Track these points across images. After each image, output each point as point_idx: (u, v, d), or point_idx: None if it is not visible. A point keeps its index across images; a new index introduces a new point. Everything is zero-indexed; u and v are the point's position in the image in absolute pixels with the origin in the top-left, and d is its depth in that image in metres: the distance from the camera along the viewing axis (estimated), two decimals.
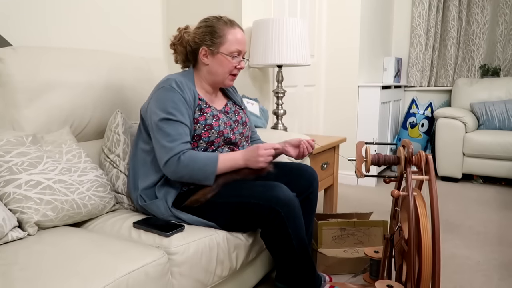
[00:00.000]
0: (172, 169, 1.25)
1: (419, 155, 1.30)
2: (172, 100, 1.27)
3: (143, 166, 1.36)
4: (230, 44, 1.35)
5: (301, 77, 2.99)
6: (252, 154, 1.27)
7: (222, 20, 1.37)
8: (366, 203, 2.80)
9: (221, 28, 1.35)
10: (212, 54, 1.36)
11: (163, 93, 1.29)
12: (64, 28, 1.67)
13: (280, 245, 1.28)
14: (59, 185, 1.18)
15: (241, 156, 1.29)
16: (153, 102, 1.30)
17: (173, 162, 1.24)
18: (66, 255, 0.97)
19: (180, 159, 1.24)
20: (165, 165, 1.25)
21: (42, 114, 1.35)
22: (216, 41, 1.35)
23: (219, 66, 1.37)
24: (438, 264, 1.21)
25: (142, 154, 1.37)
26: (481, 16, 3.71)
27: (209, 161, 1.25)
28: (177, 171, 1.24)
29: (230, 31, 1.35)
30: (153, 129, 1.29)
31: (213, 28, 1.35)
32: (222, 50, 1.35)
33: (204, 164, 1.25)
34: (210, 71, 1.38)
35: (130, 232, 1.21)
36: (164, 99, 1.28)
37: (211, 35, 1.35)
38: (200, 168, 1.24)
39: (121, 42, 1.90)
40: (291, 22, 2.11)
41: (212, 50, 1.35)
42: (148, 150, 1.36)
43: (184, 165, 1.23)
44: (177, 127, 1.27)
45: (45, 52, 1.40)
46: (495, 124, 3.39)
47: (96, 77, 1.52)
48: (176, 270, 1.11)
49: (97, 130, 1.56)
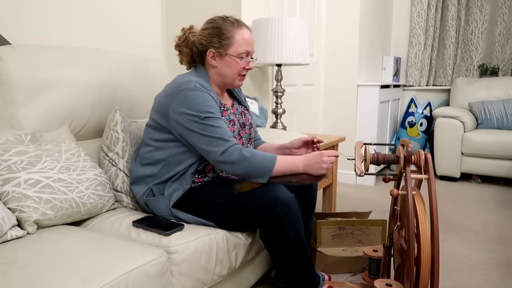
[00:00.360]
0: (231, 160, 1.22)
1: (418, 154, 1.30)
2: (204, 98, 1.25)
3: (158, 161, 1.34)
4: (238, 46, 1.33)
5: (300, 76, 2.99)
6: (315, 160, 1.27)
7: (229, 21, 1.34)
8: (365, 202, 2.80)
9: (228, 29, 1.32)
10: (220, 56, 1.34)
11: (192, 93, 1.24)
12: (63, 26, 1.67)
13: (278, 245, 1.28)
14: (58, 183, 1.18)
15: (301, 162, 1.28)
16: (178, 104, 1.25)
17: (232, 152, 1.22)
18: (65, 254, 0.96)
19: (241, 151, 1.22)
20: (222, 154, 1.22)
21: (41, 112, 1.35)
22: (224, 43, 1.32)
23: (227, 68, 1.35)
24: (437, 263, 1.21)
25: (157, 151, 1.34)
26: (480, 16, 3.72)
27: (267, 160, 1.24)
28: (236, 162, 1.22)
29: (238, 32, 1.33)
30: (189, 129, 1.24)
31: (220, 29, 1.33)
32: (230, 52, 1.33)
33: (262, 162, 1.23)
34: (218, 73, 1.37)
35: (130, 231, 1.21)
36: (196, 98, 1.24)
37: (218, 37, 1.32)
38: (258, 165, 1.23)
39: (120, 40, 1.90)
40: (290, 21, 2.10)
41: (220, 52, 1.33)
42: (164, 146, 1.33)
43: (244, 158, 1.22)
44: (222, 123, 1.26)
45: (44, 51, 1.39)
46: (493, 123, 3.40)
47: (96, 76, 1.52)
48: (175, 269, 1.11)
49: (96, 129, 1.56)
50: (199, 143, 1.25)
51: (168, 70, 1.91)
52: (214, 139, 1.23)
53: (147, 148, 1.37)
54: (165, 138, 1.33)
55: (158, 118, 1.33)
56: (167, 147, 1.33)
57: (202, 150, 1.26)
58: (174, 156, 1.32)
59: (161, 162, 1.33)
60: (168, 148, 1.33)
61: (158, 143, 1.34)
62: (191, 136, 1.25)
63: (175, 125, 1.27)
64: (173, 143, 1.32)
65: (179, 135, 1.29)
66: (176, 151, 1.32)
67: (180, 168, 1.32)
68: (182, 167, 1.32)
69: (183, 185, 1.32)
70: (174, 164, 1.32)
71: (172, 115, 1.27)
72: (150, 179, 1.35)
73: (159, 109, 1.32)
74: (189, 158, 1.32)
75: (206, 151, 1.25)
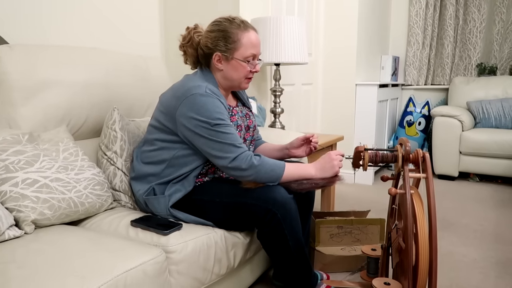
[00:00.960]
0: (241, 167, 1.22)
1: (417, 153, 1.30)
2: (215, 104, 1.23)
3: (161, 161, 1.33)
4: (245, 49, 1.30)
5: (299, 75, 2.99)
6: (325, 161, 1.31)
7: (235, 23, 1.31)
8: (363, 201, 2.81)
9: (235, 32, 1.30)
10: (226, 60, 1.32)
11: (202, 99, 1.22)
12: (61, 26, 1.67)
13: (276, 246, 1.28)
14: (56, 183, 1.18)
15: (312, 166, 1.31)
16: (187, 108, 1.23)
17: (242, 159, 1.22)
18: (63, 253, 0.96)
19: (251, 159, 1.23)
20: (232, 161, 1.22)
21: (38, 112, 1.35)
22: (230, 46, 1.30)
23: (234, 71, 1.33)
24: (435, 262, 1.21)
25: (161, 151, 1.33)
26: (478, 15, 3.72)
27: (276, 167, 1.26)
28: (245, 169, 1.23)
29: (244, 35, 1.30)
30: (198, 134, 1.23)
31: (226, 32, 1.30)
32: (237, 56, 1.31)
33: (271, 169, 1.25)
34: (225, 76, 1.35)
35: (128, 230, 1.20)
36: (206, 104, 1.22)
37: (224, 40, 1.30)
38: (267, 172, 1.25)
39: (119, 40, 1.90)
40: (288, 21, 2.10)
41: (226, 56, 1.31)
42: (169, 147, 1.32)
43: (253, 166, 1.23)
44: (232, 129, 1.25)
45: (42, 50, 1.39)
46: (491, 122, 3.40)
47: (94, 76, 1.51)
48: (174, 268, 1.11)
49: (94, 128, 1.56)
50: (208, 148, 1.24)
51: (166, 69, 1.91)
52: (225, 145, 1.23)
53: (151, 147, 1.36)
54: (170, 139, 1.32)
55: (163, 119, 1.31)
56: (172, 148, 1.32)
57: (211, 155, 1.25)
58: (179, 157, 1.31)
59: (165, 162, 1.33)
60: (173, 149, 1.32)
61: (163, 143, 1.33)
62: (200, 141, 1.24)
63: (182, 129, 1.26)
64: (178, 144, 1.31)
65: (185, 138, 1.28)
66: (181, 153, 1.31)
67: (184, 171, 1.31)
68: (187, 169, 1.31)
69: (185, 186, 1.31)
70: (178, 165, 1.32)
71: (179, 119, 1.26)
72: (153, 178, 1.34)
73: (166, 111, 1.30)
74: (194, 161, 1.31)
75: (216, 157, 1.24)
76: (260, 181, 1.26)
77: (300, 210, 1.52)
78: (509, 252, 1.95)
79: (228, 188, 1.30)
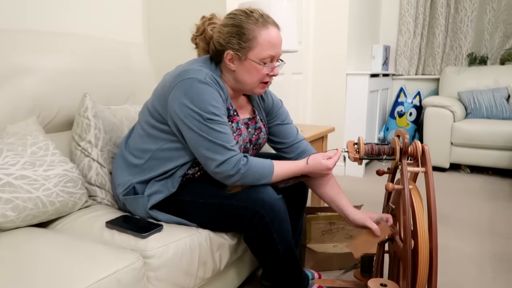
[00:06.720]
0: (228, 172, 1.10)
1: (415, 145, 1.22)
2: (212, 95, 1.09)
3: (145, 151, 1.20)
4: (261, 49, 1.12)
5: (289, 64, 2.89)
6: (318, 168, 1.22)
7: (253, 17, 1.12)
8: (355, 194, 2.74)
9: (251, 29, 1.12)
10: (239, 60, 1.14)
11: (199, 86, 1.08)
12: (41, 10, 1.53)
13: (264, 249, 1.18)
14: (21, 181, 1.06)
15: (303, 169, 1.21)
16: (180, 92, 1.09)
17: (232, 164, 1.10)
18: (27, 261, 0.85)
19: (240, 164, 1.10)
20: (220, 165, 1.10)
21: (6, 102, 1.22)
22: (245, 45, 1.12)
23: (247, 74, 1.15)
24: (435, 260, 1.14)
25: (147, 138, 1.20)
26: (469, 3, 3.65)
27: (265, 169, 1.14)
28: (232, 175, 1.10)
29: (262, 32, 1.12)
30: (187, 125, 1.10)
31: (241, 28, 1.12)
32: (251, 57, 1.13)
33: (259, 174, 1.14)
34: (236, 78, 1.18)
35: (102, 232, 1.09)
36: (203, 93, 1.08)
37: (238, 37, 1.12)
38: (255, 176, 1.13)
39: (99, 25, 1.77)
40: (278, 6, 1.99)
41: (239, 56, 1.13)
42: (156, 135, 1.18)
43: (242, 171, 1.11)
44: (227, 128, 1.12)
45: (16, 35, 1.26)
46: (482, 113, 3.36)
47: (70, 62, 1.39)
48: (152, 275, 1.00)
49: (69, 119, 1.43)
50: (196, 144, 1.10)
51: (149, 56, 1.79)
52: (214, 145, 1.09)
53: (139, 130, 1.22)
54: (158, 127, 1.17)
55: (156, 101, 1.16)
56: (159, 138, 1.17)
57: (199, 154, 1.12)
58: (165, 150, 1.17)
59: (149, 153, 1.19)
60: (160, 139, 1.17)
61: (150, 129, 1.19)
62: (189, 133, 1.11)
63: (173, 115, 1.11)
64: (165, 135, 1.17)
65: (174, 126, 1.14)
66: (168, 146, 1.17)
67: (168, 167, 1.17)
68: (171, 165, 1.17)
69: (168, 187, 1.18)
70: (163, 159, 1.17)
71: (171, 103, 1.11)
72: (134, 170, 1.21)
73: (161, 91, 1.15)
74: (181, 157, 1.17)
75: (204, 157, 1.11)
76: (247, 185, 1.15)
77: (292, 206, 1.43)
78: (505, 245, 1.90)
79: (212, 188, 1.19)
